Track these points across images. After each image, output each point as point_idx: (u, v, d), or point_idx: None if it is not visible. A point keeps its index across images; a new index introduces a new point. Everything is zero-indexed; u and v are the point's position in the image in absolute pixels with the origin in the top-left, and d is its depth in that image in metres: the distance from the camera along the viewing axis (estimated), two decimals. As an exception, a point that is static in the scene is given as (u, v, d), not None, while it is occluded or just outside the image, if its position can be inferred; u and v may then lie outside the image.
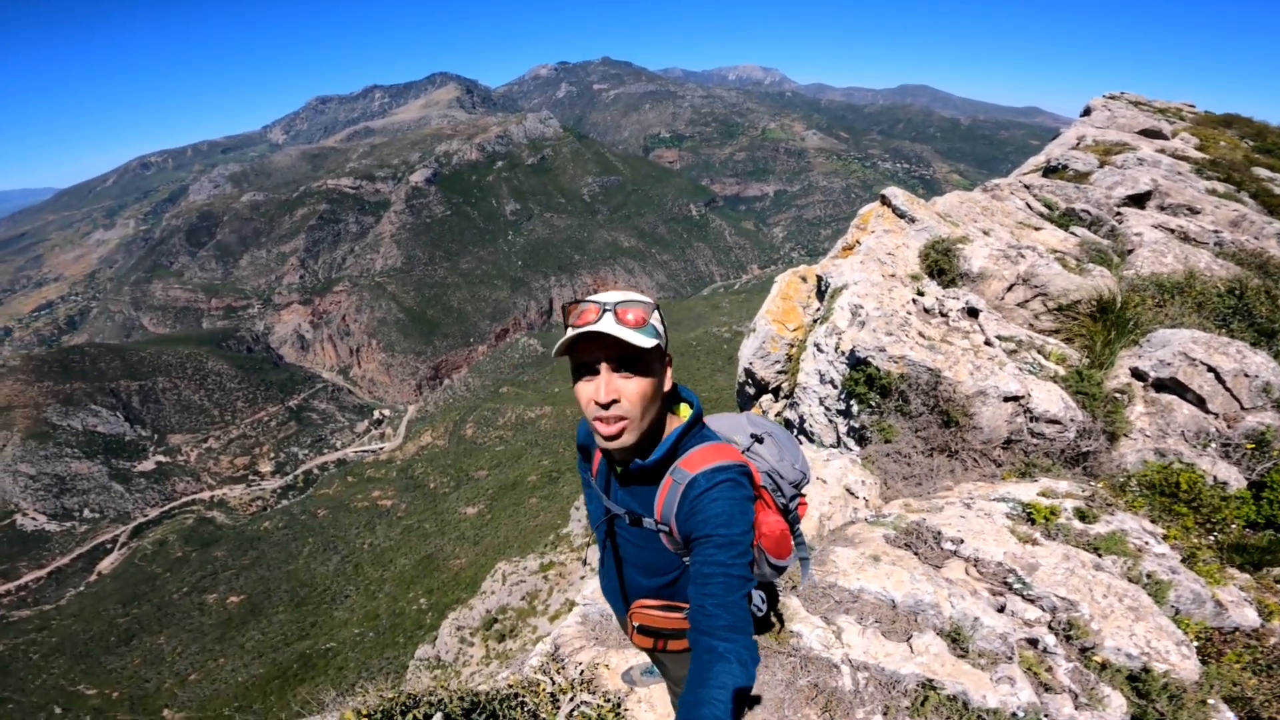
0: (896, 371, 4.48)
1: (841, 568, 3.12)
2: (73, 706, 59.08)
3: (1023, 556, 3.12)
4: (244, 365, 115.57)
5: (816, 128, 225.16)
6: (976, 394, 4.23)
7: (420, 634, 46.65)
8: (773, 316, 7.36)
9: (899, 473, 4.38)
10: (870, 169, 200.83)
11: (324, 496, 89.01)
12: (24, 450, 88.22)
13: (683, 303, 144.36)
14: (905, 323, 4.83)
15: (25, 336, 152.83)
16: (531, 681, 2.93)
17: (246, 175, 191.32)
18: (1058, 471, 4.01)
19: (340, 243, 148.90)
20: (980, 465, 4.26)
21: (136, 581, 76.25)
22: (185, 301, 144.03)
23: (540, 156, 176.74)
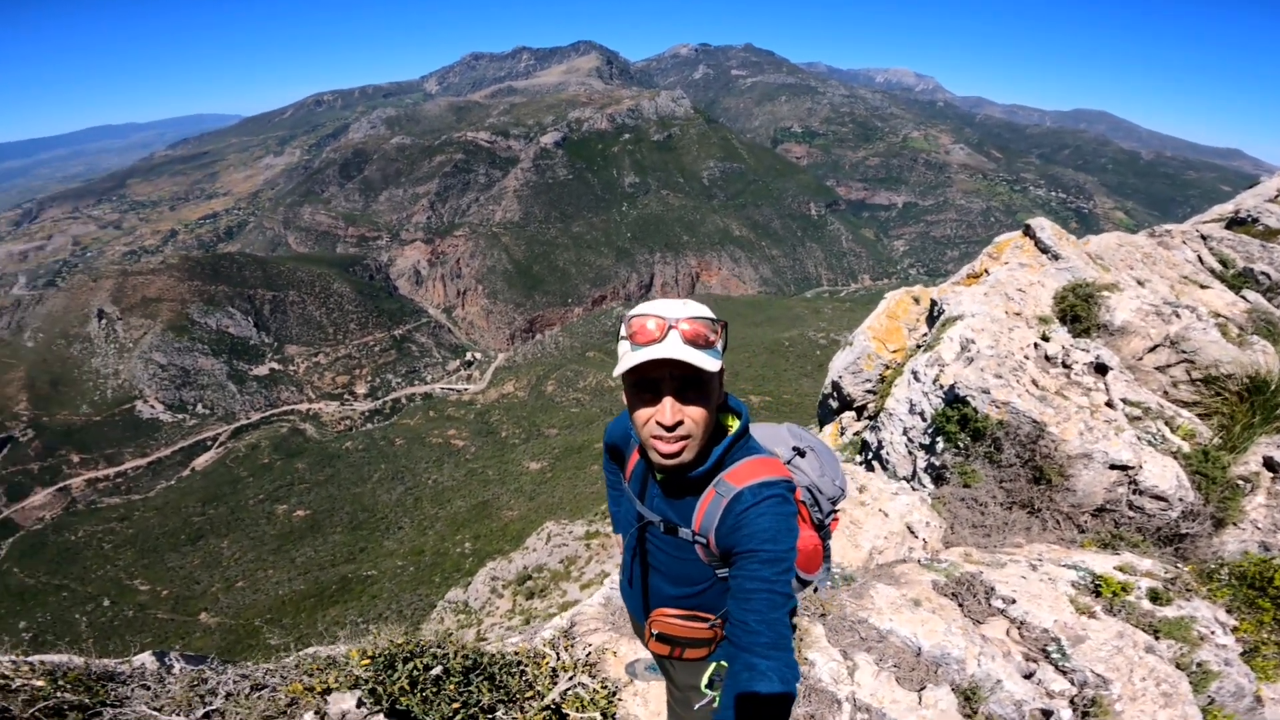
0: (996, 417, 4.30)
1: (877, 605, 3.11)
2: (121, 600, 62.75)
3: (1072, 627, 3.02)
4: (363, 291, 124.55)
5: (966, 142, 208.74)
6: (1080, 455, 4.02)
7: (457, 577, 48.14)
8: (873, 333, 7.15)
9: (969, 519, 4.25)
10: (1019, 193, 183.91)
11: (404, 426, 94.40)
12: (161, 340, 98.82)
13: (782, 300, 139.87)
14: (1019, 367, 4.56)
15: (187, 240, 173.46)
16: (538, 653, 2.99)
17: (399, 120, 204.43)
18: (1145, 548, 3.83)
19: (468, 191, 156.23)
20: (1061, 528, 4.10)
21: (221, 482, 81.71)
22: (326, 226, 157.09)
23: (667, 134, 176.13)
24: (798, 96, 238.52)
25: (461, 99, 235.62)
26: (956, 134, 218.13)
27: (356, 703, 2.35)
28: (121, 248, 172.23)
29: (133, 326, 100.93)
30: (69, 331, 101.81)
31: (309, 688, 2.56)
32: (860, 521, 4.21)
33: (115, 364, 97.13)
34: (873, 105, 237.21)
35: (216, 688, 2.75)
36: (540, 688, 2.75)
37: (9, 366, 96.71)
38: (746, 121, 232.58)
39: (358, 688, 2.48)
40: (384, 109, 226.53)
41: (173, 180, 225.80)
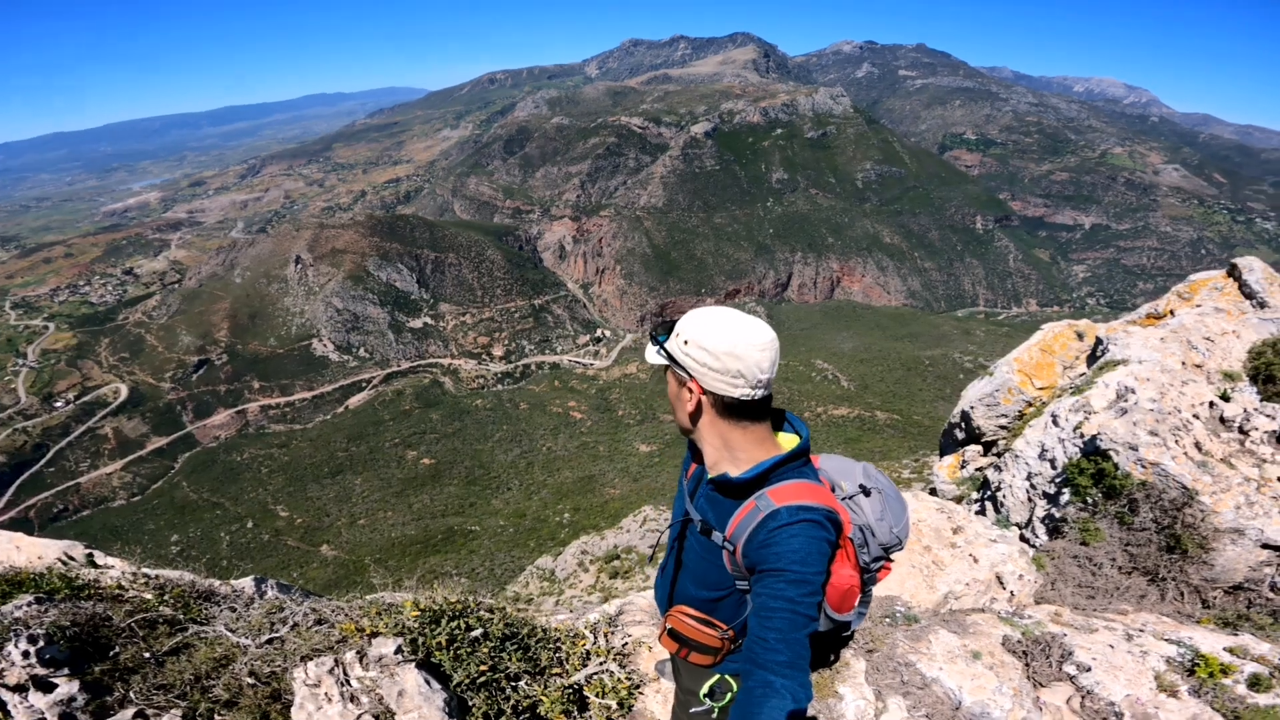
0: (1139, 477, 3.99)
1: (932, 650, 2.98)
2: (262, 523, 69.01)
3: (1144, 705, 2.80)
4: (512, 259, 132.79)
5: (1182, 163, 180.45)
6: (1230, 530, 3.74)
7: (550, 545, 50.12)
8: (1020, 366, 6.76)
9: (1076, 578, 3.98)
10: (1242, 225, 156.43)
11: (530, 392, 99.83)
12: (341, 287, 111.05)
13: (929, 316, 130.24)
14: (1182, 426, 4.16)
15: (373, 200, 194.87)
16: (577, 633, 3.10)
17: (560, 101, 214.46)
18: (1273, 631, 3.49)
19: (618, 173, 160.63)
20: (1183, 601, 3.80)
21: (367, 423, 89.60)
22: (488, 197, 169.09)
23: (822, 132, 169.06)
24: (974, 101, 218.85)
25: (619, 84, 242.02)
26: (1171, 153, 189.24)
27: (395, 649, 2.50)
28: (321, 203, 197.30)
29: (321, 273, 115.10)
30: (270, 273, 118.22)
31: (359, 629, 2.78)
32: (944, 563, 4.00)
33: (302, 304, 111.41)
34: (1067, 116, 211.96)
35: (288, 618, 3.08)
36: (569, 666, 2.84)
37: (218, 298, 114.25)
38: (912, 125, 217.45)
39: (402, 635, 2.66)
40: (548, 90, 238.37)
41: (368, 146, 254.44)
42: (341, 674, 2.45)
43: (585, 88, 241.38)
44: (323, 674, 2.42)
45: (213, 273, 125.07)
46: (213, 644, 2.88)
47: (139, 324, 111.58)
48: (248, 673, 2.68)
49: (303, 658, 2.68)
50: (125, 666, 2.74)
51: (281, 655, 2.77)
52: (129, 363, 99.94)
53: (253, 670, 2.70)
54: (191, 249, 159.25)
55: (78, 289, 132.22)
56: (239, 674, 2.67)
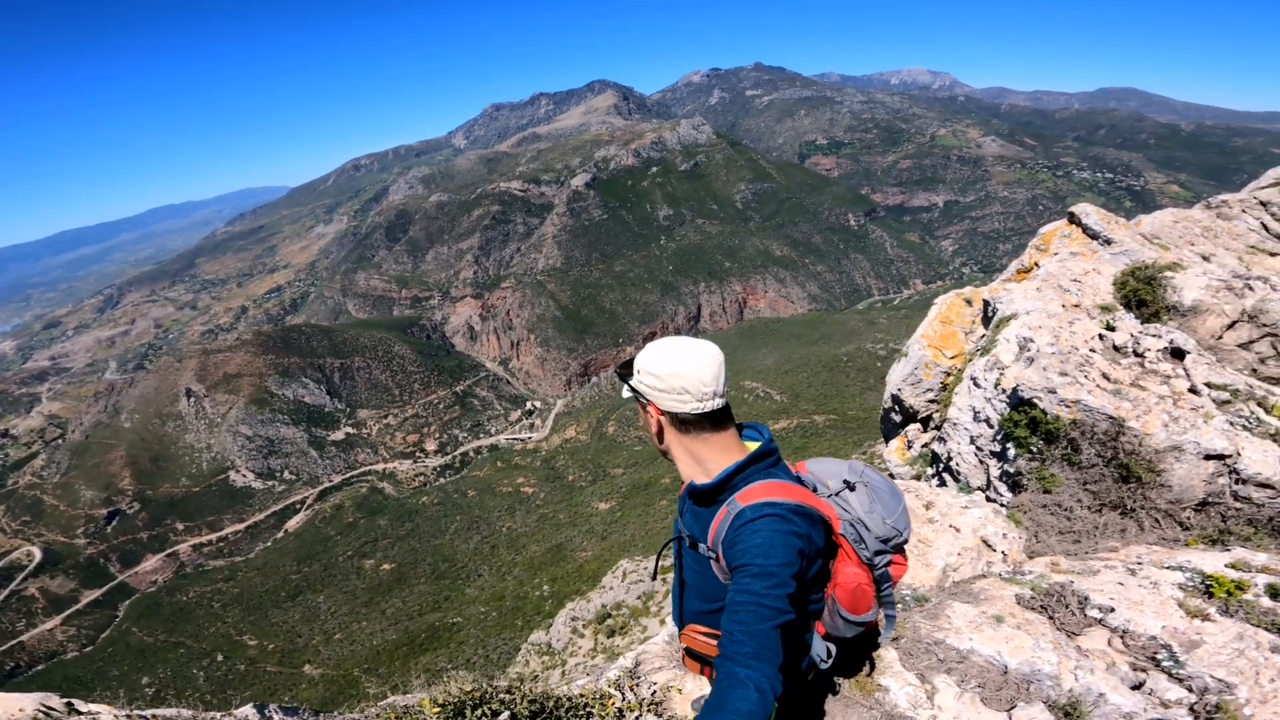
0: (1068, 417, 4.05)
1: (955, 624, 2.92)
2: (232, 655, 66.74)
3: (1185, 632, 2.79)
4: (423, 351, 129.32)
5: (995, 134, 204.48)
6: (1169, 449, 3.78)
7: (538, 619, 49.19)
8: (928, 341, 6.96)
9: (1055, 526, 3.98)
10: (1063, 178, 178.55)
11: (475, 478, 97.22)
12: (245, 414, 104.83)
13: (835, 315, 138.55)
14: (1085, 362, 4.33)
15: (257, 315, 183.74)
16: (603, 694, 2.97)
17: (434, 177, 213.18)
18: (1260, 541, 3.55)
19: (509, 241, 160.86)
20: (1162, 527, 3.83)
21: (313, 541, 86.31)
22: (381, 291, 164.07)
23: (693, 163, 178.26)
24: (816, 109, 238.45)
25: (489, 150, 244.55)
26: (984, 126, 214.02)
27: None
28: (200, 327, 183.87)
29: (218, 402, 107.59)
30: (162, 411, 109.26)
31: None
32: (930, 539, 4.00)
33: (207, 439, 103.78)
34: (893, 108, 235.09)
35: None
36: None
37: (110, 446, 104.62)
38: (770, 140, 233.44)
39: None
40: (418, 168, 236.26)
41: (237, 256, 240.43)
42: None
43: (457, 160, 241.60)
44: None
45: (96, 421, 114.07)
46: None
47: (31, 485, 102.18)
48: None
49: None
50: None
51: None
52: (33, 525, 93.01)
53: None
54: (65, 399, 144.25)
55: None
56: None
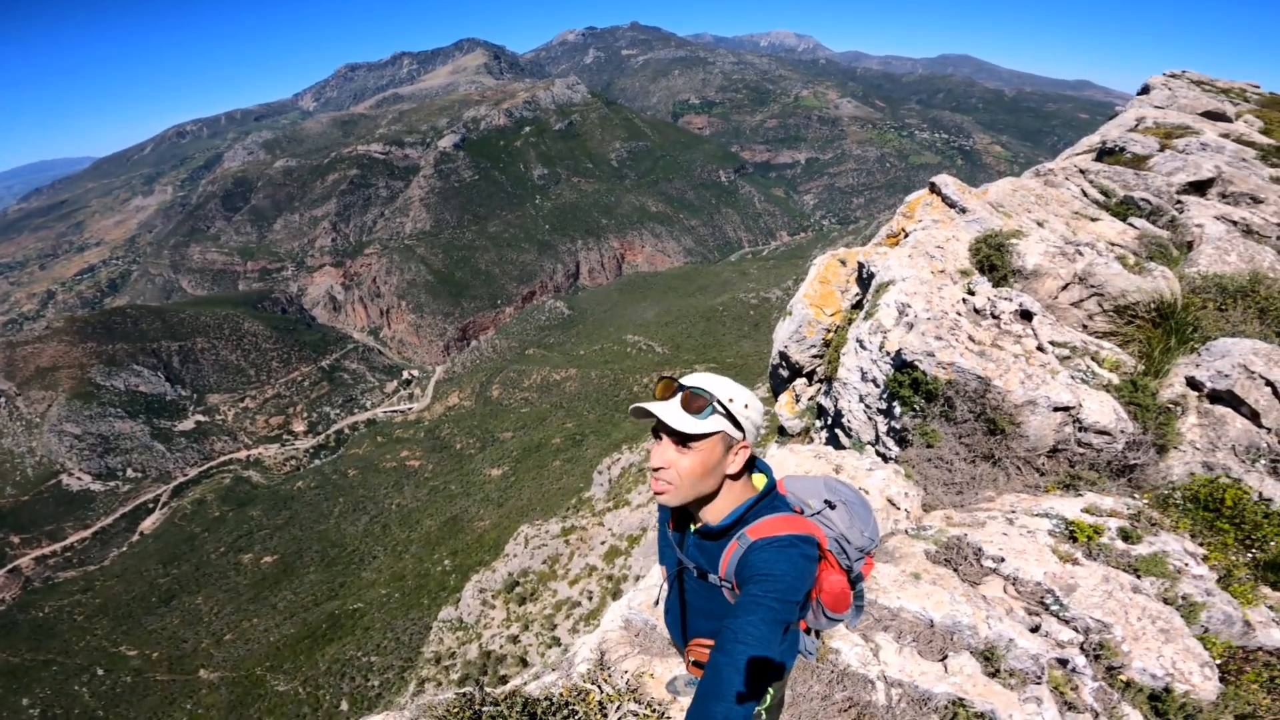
0: (944, 378, 4.36)
1: (882, 584, 3.15)
2: (114, 668, 60.78)
3: (1062, 577, 3.11)
4: (278, 326, 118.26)
5: (851, 96, 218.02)
6: (1026, 403, 4.11)
7: (444, 595, 48.08)
8: (810, 300, 7.24)
9: (940, 479, 4.29)
10: (907, 138, 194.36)
11: (354, 456, 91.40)
12: (69, 410, 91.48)
13: (709, 268, 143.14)
14: (955, 326, 4.63)
15: (68, 299, 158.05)
16: (581, 690, 3.05)
17: (279, 142, 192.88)
18: (1102, 484, 3.93)
19: (371, 207, 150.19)
20: (1023, 474, 4.17)
21: (176, 541, 78.59)
22: (222, 265, 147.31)
23: (568, 122, 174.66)
24: (690, 69, 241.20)
25: (344, 112, 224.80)
26: (841, 89, 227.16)
27: None
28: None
29: (34, 400, 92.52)
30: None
31: None
32: None
33: (27, 441, 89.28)
34: (762, 69, 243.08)
35: None
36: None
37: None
38: (645, 100, 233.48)
39: None
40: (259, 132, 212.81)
41: (35, 236, 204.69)
42: None
43: (305, 123, 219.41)
44: None
45: None
46: None
47: None
48: None
49: None
50: None
51: None
52: None
53: None
54: None
55: None
56: None
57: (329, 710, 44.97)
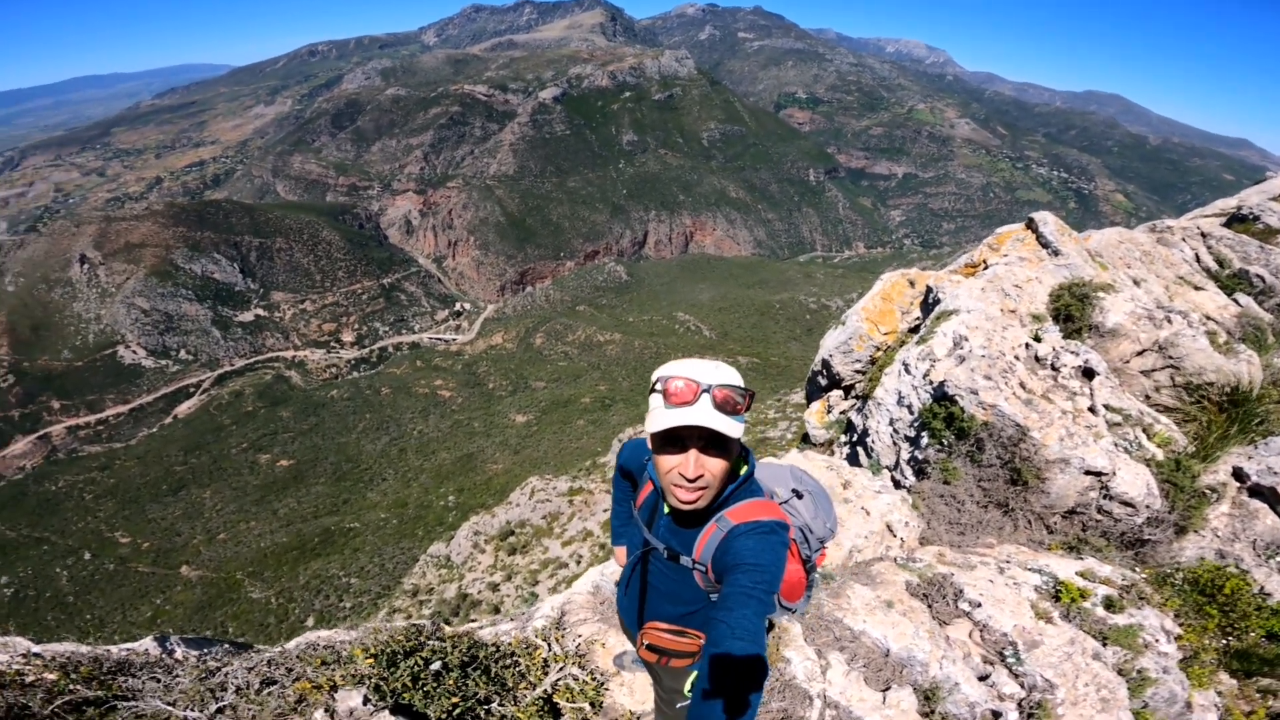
0: (982, 418, 4.28)
1: (853, 605, 3.17)
2: (102, 553, 60.69)
3: (1030, 632, 3.11)
4: (352, 239, 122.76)
5: (972, 117, 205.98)
6: (1058, 460, 4.03)
7: (440, 531, 47.44)
8: (866, 314, 7.15)
9: (947, 516, 4.27)
10: (1021, 170, 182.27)
11: (391, 375, 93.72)
12: (144, 285, 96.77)
13: (775, 263, 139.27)
14: (1009, 369, 4.52)
15: (173, 187, 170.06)
16: (531, 644, 3.10)
17: (395, 71, 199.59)
18: (1108, 552, 3.91)
19: (463, 143, 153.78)
20: (1031, 529, 4.13)
21: (204, 430, 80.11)
22: (316, 175, 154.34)
23: (668, 94, 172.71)
24: (805, 62, 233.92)
25: (460, 51, 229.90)
26: (963, 108, 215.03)
27: (363, 699, 2.45)
28: (105, 194, 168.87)
29: (115, 272, 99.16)
30: (50, 277, 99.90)
31: (316, 685, 2.63)
32: (843, 519, 4.23)
33: (97, 309, 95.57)
34: (880, 75, 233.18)
35: (225, 681, 2.79)
36: (532, 678, 2.88)
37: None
38: (750, 85, 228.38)
39: (363, 684, 2.57)
40: (380, 60, 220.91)
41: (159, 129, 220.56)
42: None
43: (423, 56, 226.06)
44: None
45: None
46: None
47: None
48: None
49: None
50: None
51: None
52: None
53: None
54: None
55: None
56: None
57: (293, 624, 44.17)
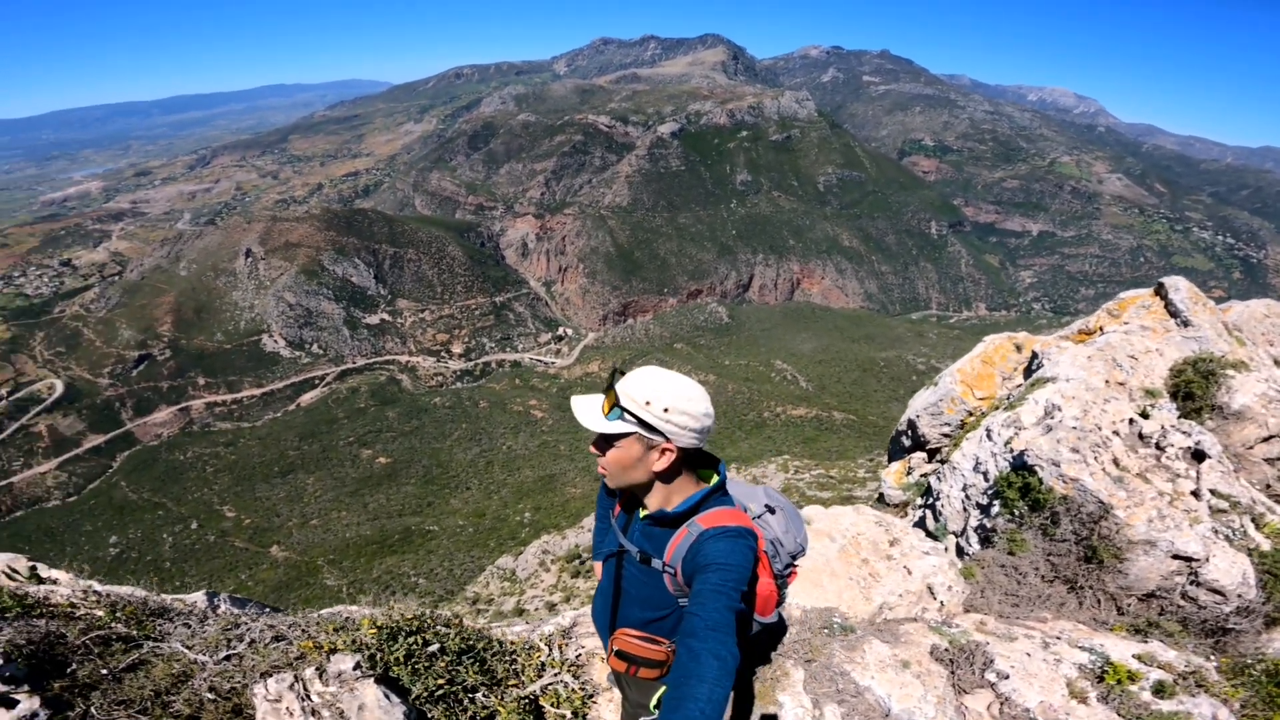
0: (1061, 491, 4.15)
1: (866, 660, 3.09)
2: (207, 524, 65.98)
3: (1057, 710, 2.94)
4: (473, 256, 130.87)
5: (1125, 173, 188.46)
6: (1143, 542, 3.90)
7: (511, 544, 48.90)
8: (962, 377, 6.90)
9: (1004, 587, 4.12)
10: (1180, 233, 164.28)
11: (490, 390, 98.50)
12: (294, 282, 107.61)
13: (885, 319, 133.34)
14: (1102, 444, 4.31)
15: (330, 194, 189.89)
16: (532, 646, 3.19)
17: (527, 97, 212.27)
18: (1180, 638, 3.69)
19: (582, 172, 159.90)
20: (1100, 608, 3.95)
21: (319, 421, 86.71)
22: (450, 193, 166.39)
23: (786, 135, 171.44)
24: (934, 108, 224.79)
25: (587, 82, 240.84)
26: (1116, 162, 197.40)
27: (354, 665, 2.59)
28: (275, 196, 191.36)
29: (272, 267, 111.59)
30: (218, 266, 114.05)
31: (318, 645, 2.85)
32: (879, 575, 4.18)
33: (252, 299, 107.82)
34: (1019, 124, 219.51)
35: (244, 634, 3.12)
36: (525, 678, 2.95)
37: (161, 291, 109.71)
38: (874, 130, 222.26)
39: (360, 652, 2.73)
40: (515, 86, 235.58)
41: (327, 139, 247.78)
42: (302, 689, 2.50)
43: (553, 85, 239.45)
44: (283, 689, 2.46)
45: (156, 265, 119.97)
46: (170, 660, 2.88)
47: (76, 317, 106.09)
48: (207, 689, 2.71)
49: (262, 674, 2.71)
50: (84, 683, 2.76)
51: (241, 671, 2.79)
52: (65, 357, 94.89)
53: (213, 686, 2.72)
54: (134, 240, 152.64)
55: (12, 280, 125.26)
56: (199, 690, 2.70)
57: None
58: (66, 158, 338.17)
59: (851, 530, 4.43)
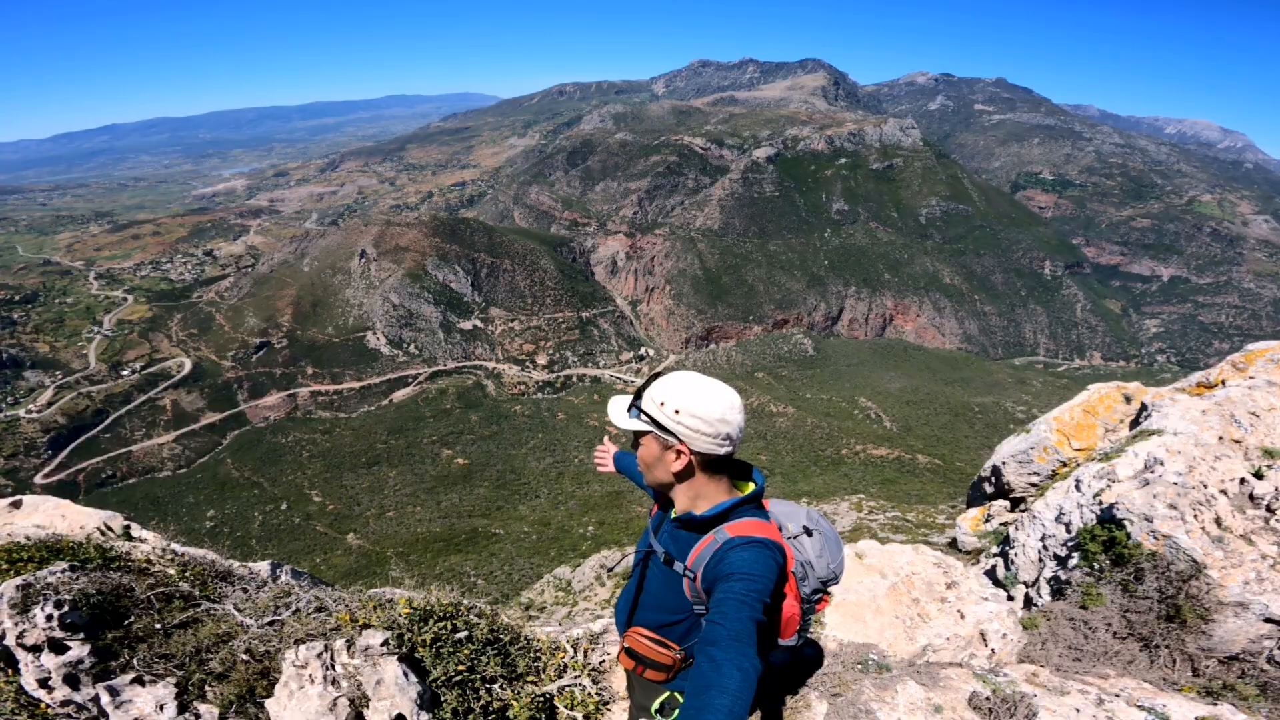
0: (1150, 548, 4.02)
1: (895, 701, 3.00)
2: (295, 507, 69.78)
3: None
4: (564, 271, 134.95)
5: (1274, 214, 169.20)
6: (1235, 604, 3.75)
7: (571, 556, 49.63)
8: (1059, 425, 6.66)
9: (1068, 640, 3.96)
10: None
11: (569, 403, 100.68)
12: (399, 284, 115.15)
13: (984, 362, 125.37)
14: (1205, 502, 4.14)
15: (439, 201, 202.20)
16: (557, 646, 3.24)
17: (625, 116, 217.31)
18: (1254, 702, 3.50)
19: (675, 193, 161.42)
20: (1173, 669, 3.75)
21: (408, 418, 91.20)
22: (546, 207, 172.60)
23: (888, 164, 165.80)
24: (1055, 140, 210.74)
25: (684, 103, 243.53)
26: (1264, 203, 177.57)
27: (382, 641, 2.72)
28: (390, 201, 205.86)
29: (383, 268, 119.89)
30: (336, 264, 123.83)
31: (353, 619, 3.03)
32: (929, 616, 4.09)
33: (362, 297, 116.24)
34: (1154, 159, 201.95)
35: (292, 603, 3.31)
36: (545, 677, 3.05)
37: (285, 285, 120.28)
38: (984, 161, 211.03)
39: (391, 630, 2.86)
40: (614, 105, 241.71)
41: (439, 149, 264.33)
42: (329, 659, 2.64)
43: (651, 105, 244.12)
44: (310, 657, 2.61)
45: (284, 260, 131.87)
46: (219, 621, 3.09)
47: (211, 303, 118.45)
48: (244, 650, 2.90)
49: (296, 641, 2.88)
50: (136, 635, 2.97)
51: (278, 637, 2.97)
52: (196, 339, 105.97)
53: (249, 648, 2.91)
54: (268, 235, 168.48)
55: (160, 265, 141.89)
56: (236, 650, 2.90)
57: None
58: (219, 155, 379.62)
59: (906, 569, 4.35)
